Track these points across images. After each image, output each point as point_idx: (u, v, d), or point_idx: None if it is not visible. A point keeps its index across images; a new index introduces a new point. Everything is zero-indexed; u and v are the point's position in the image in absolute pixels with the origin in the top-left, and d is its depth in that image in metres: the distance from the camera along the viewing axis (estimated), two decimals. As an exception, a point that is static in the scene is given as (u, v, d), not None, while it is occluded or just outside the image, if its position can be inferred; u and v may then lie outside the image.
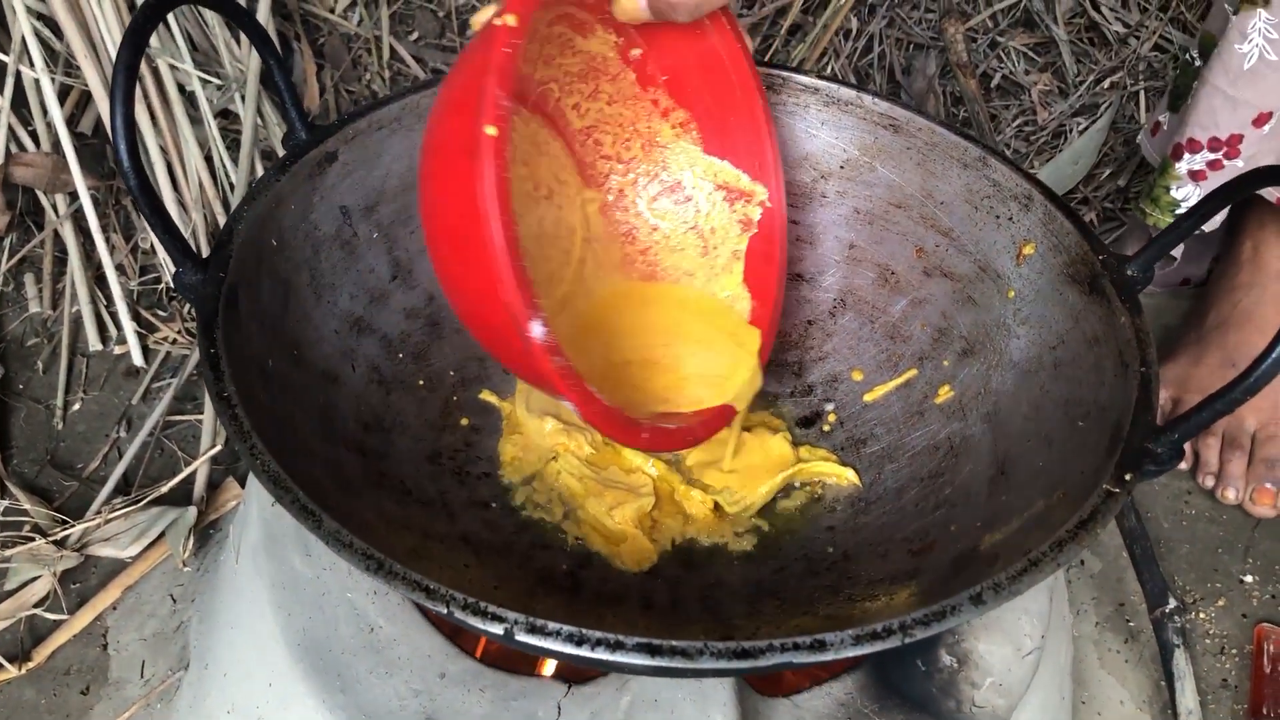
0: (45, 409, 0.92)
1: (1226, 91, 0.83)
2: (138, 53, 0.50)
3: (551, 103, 0.63)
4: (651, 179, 0.67)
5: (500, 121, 0.44)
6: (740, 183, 0.65)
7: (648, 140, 0.66)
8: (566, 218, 0.65)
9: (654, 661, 0.42)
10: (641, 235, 0.68)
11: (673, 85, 0.64)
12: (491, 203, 0.44)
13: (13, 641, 0.76)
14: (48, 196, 0.96)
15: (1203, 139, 0.86)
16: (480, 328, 0.51)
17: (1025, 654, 0.59)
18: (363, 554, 0.44)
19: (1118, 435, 0.52)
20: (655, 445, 0.54)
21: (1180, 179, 0.88)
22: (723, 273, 0.67)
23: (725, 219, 0.67)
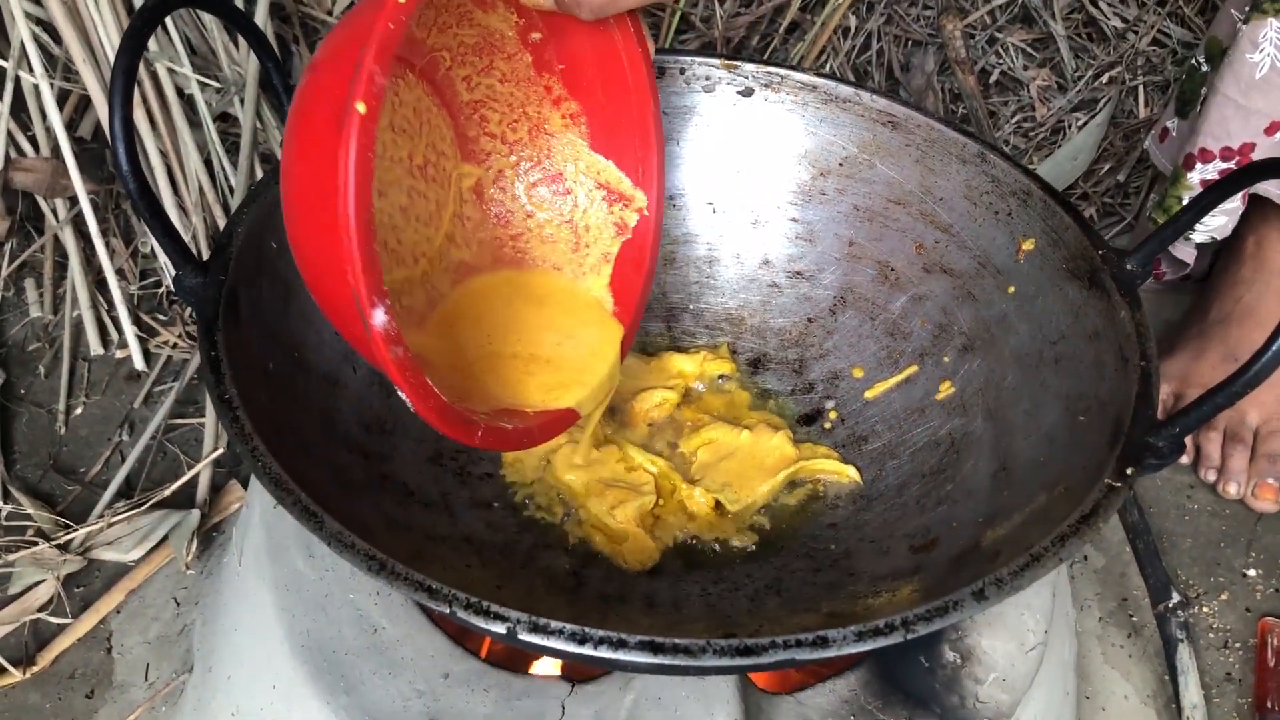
0: (47, 413, 0.92)
1: (1238, 101, 0.83)
2: (136, 56, 0.50)
3: (441, 71, 0.61)
4: (534, 165, 0.66)
5: (373, 99, 0.43)
6: (622, 185, 0.64)
7: (536, 125, 0.65)
8: (438, 190, 0.63)
9: (657, 659, 0.42)
10: (515, 220, 0.67)
11: (568, 76, 0.63)
12: (348, 183, 0.43)
13: (17, 645, 0.76)
14: (47, 201, 0.96)
15: (1215, 149, 0.86)
16: (325, 300, 0.50)
17: (1029, 649, 0.59)
18: (365, 555, 0.44)
19: (1119, 429, 0.52)
20: (489, 444, 0.53)
21: (1193, 189, 0.89)
22: (590, 272, 0.66)
23: (601, 219, 0.66)
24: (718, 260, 0.76)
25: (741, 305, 0.75)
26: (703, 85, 0.73)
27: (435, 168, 0.62)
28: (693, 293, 0.76)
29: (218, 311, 0.53)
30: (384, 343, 0.45)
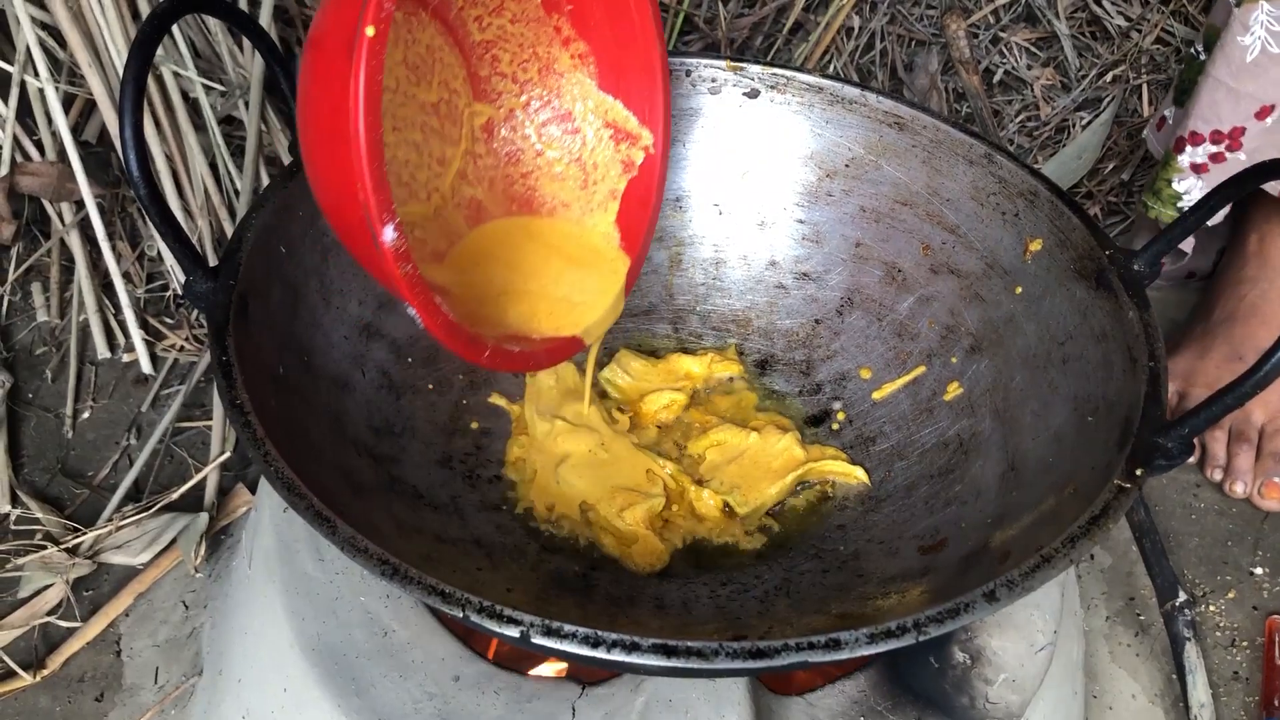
0: (55, 417, 0.92)
1: (1229, 84, 0.83)
2: (145, 64, 0.51)
3: (453, 11, 0.62)
4: (544, 105, 0.67)
5: (381, 23, 0.44)
6: (629, 124, 0.66)
7: (545, 65, 0.66)
8: (450, 128, 0.65)
9: (670, 662, 0.42)
10: (525, 158, 0.68)
11: (576, 16, 0.64)
12: (358, 103, 0.44)
13: (26, 649, 0.76)
14: (54, 205, 0.96)
15: (1205, 132, 0.86)
16: (339, 223, 0.52)
17: (1038, 650, 0.59)
18: (379, 559, 0.45)
19: (1127, 430, 0.52)
20: (495, 364, 0.56)
21: (1182, 171, 0.89)
22: (598, 209, 0.68)
23: (608, 156, 0.67)
24: (724, 262, 0.76)
25: (748, 307, 0.75)
26: (708, 87, 0.73)
27: (448, 105, 0.63)
28: (700, 294, 0.76)
29: (228, 317, 0.53)
30: (393, 259, 0.47)
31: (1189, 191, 0.89)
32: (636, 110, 0.66)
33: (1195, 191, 0.89)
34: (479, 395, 0.70)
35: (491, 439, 0.68)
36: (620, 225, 0.67)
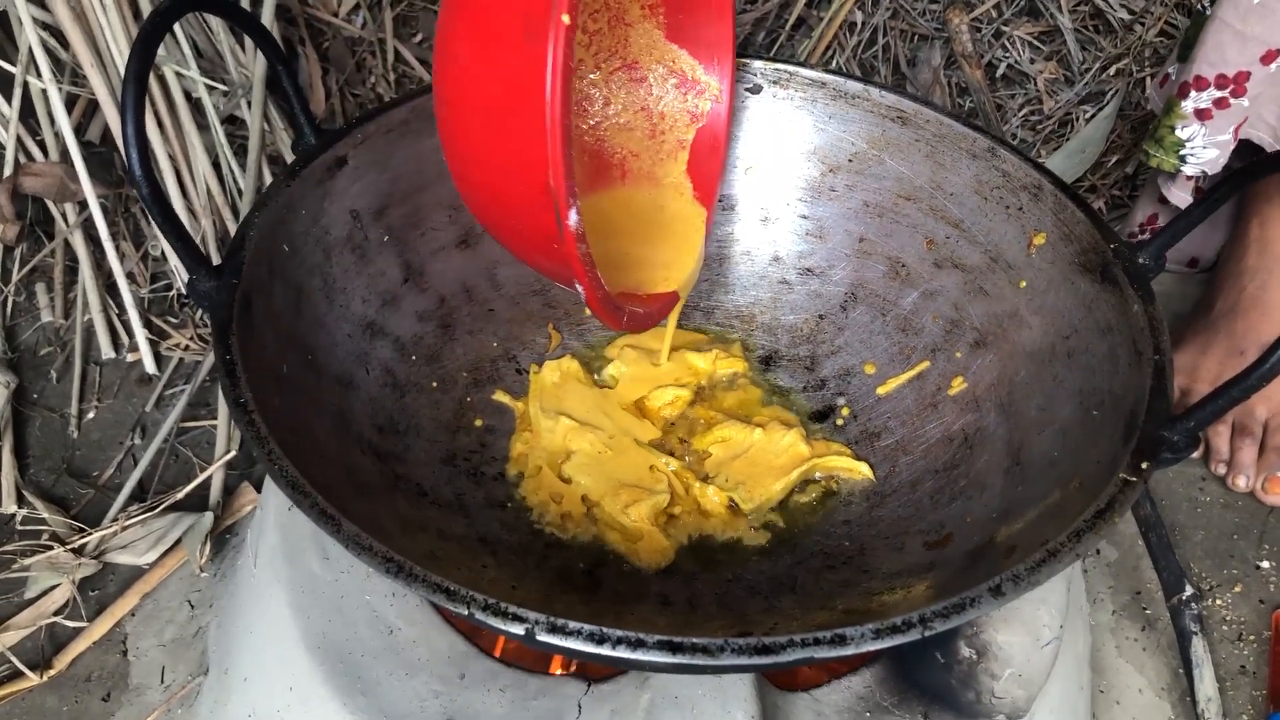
0: (60, 418, 0.92)
1: (1235, 27, 0.82)
2: (146, 64, 0.51)
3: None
4: (611, 54, 0.68)
5: (574, 11, 0.44)
6: (695, 73, 0.67)
7: (616, 16, 0.67)
8: None
9: (676, 659, 0.42)
10: (594, 109, 0.69)
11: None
12: (556, 92, 0.44)
13: (33, 649, 0.76)
14: (57, 206, 0.96)
15: (1210, 75, 0.85)
16: (495, 206, 0.52)
17: (1044, 644, 0.59)
18: (383, 557, 0.44)
19: (1133, 424, 0.52)
20: (632, 327, 0.58)
21: (1186, 118, 0.87)
22: (667, 158, 0.69)
23: (676, 106, 0.68)
24: (728, 258, 0.76)
25: (752, 302, 0.75)
26: (711, 83, 0.73)
27: None
28: (703, 290, 0.76)
29: (232, 315, 0.53)
30: (575, 241, 0.48)
31: (1192, 139, 0.88)
32: (703, 60, 0.67)
33: (1199, 139, 0.88)
34: (483, 392, 0.70)
35: (496, 436, 0.68)
36: (691, 175, 0.68)
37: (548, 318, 0.74)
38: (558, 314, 0.74)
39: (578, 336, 0.74)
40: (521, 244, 0.54)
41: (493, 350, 0.72)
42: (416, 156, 0.68)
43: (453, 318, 0.70)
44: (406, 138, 0.67)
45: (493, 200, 0.52)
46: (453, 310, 0.70)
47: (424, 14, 1.06)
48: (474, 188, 0.53)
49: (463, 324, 0.71)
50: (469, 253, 0.71)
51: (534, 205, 0.47)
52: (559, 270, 0.52)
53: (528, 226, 0.50)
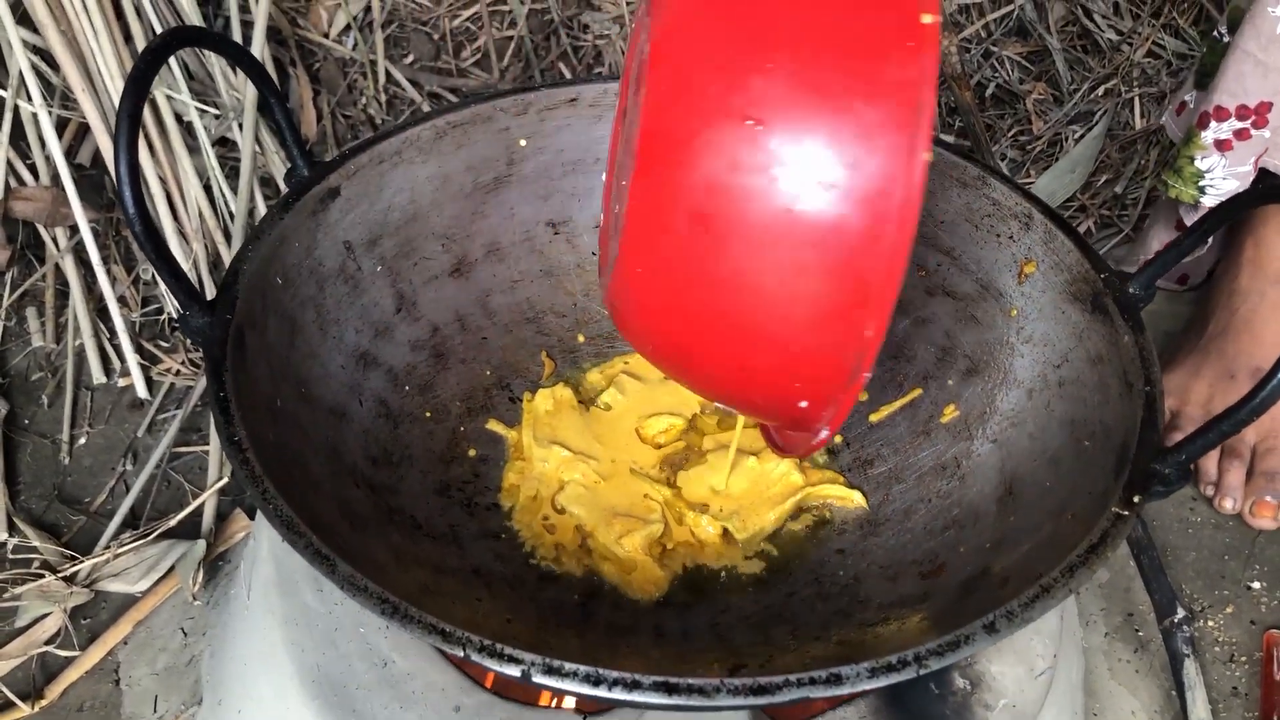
0: (51, 444, 0.92)
1: (1257, 56, 0.81)
2: (140, 100, 0.51)
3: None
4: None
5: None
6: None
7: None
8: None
9: (671, 700, 0.43)
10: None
11: None
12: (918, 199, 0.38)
13: (24, 679, 0.76)
14: (48, 230, 0.96)
15: (1231, 106, 0.84)
16: (748, 371, 0.46)
17: (1038, 674, 0.59)
18: (378, 598, 0.45)
19: (1124, 456, 0.52)
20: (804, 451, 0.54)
21: (1205, 149, 0.87)
22: None
23: None
24: (720, 284, 0.76)
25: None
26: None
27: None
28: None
29: (225, 352, 0.53)
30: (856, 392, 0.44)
31: (1212, 170, 0.88)
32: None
33: (1218, 169, 0.87)
34: (476, 422, 0.70)
35: (489, 466, 0.68)
36: None
37: (541, 345, 0.74)
38: (551, 341, 0.75)
39: (571, 364, 0.74)
40: (783, 407, 0.48)
41: (486, 379, 0.72)
42: (409, 187, 0.68)
43: (446, 347, 0.70)
44: (399, 168, 0.68)
45: (749, 372, 0.46)
46: (446, 339, 0.70)
47: (415, 34, 1.06)
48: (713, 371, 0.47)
49: (456, 353, 0.71)
50: (461, 281, 0.72)
51: (840, 364, 0.42)
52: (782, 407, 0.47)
53: (822, 394, 0.45)
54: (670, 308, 0.45)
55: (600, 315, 0.76)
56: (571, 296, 0.75)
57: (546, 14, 1.04)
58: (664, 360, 0.50)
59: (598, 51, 1.07)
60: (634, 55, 0.49)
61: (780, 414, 0.50)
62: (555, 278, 0.75)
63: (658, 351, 0.50)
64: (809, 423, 0.47)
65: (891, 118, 0.39)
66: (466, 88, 1.07)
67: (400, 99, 1.08)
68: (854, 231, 0.39)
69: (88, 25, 0.86)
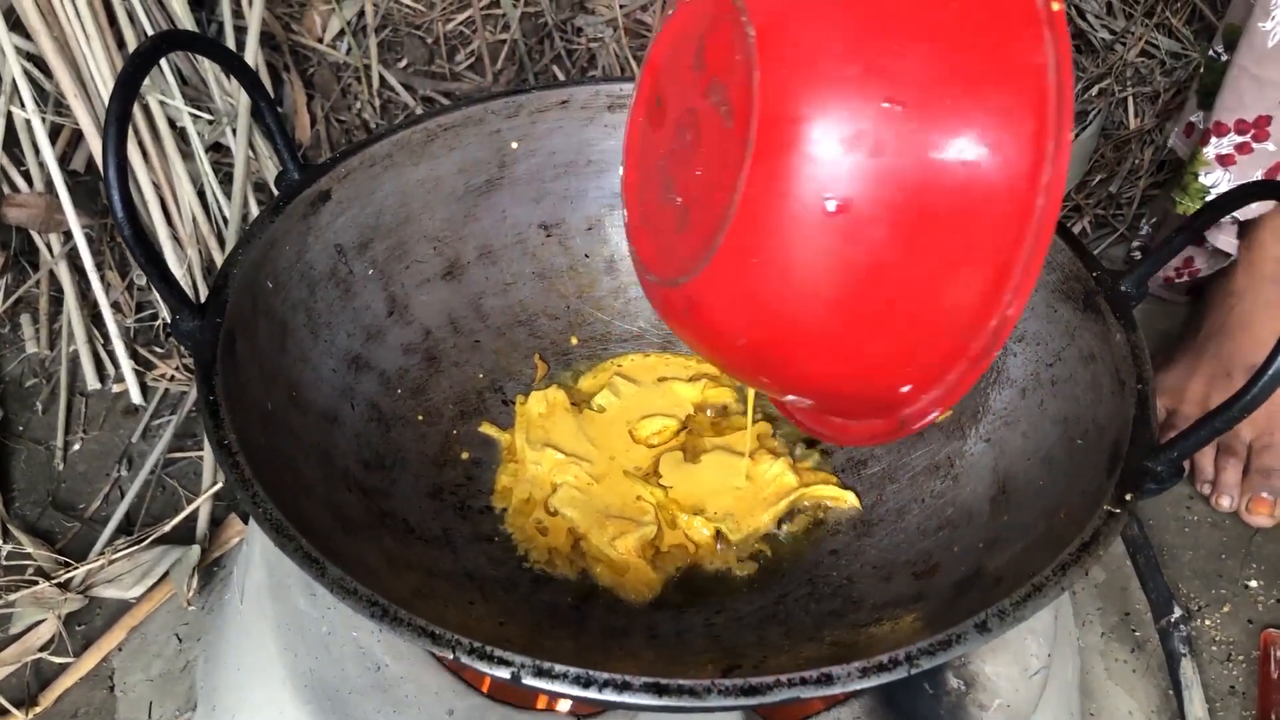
0: (45, 450, 0.92)
1: (1252, 71, 0.82)
2: (128, 104, 0.50)
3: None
4: None
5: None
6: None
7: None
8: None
9: (662, 701, 0.42)
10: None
11: None
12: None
13: (19, 686, 0.76)
14: (42, 236, 0.96)
15: (1229, 121, 0.85)
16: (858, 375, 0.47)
17: (1032, 674, 0.59)
18: (368, 601, 0.44)
19: (1116, 454, 0.52)
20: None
21: (1209, 164, 0.87)
22: None
23: None
24: (713, 285, 0.76)
25: (738, 330, 0.75)
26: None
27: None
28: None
29: (215, 356, 0.53)
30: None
31: (1216, 184, 0.89)
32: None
33: (1222, 185, 0.89)
34: (469, 425, 0.69)
35: (482, 469, 0.68)
36: None
37: (534, 348, 0.74)
38: (544, 344, 0.74)
39: (564, 366, 0.74)
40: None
41: (479, 382, 0.71)
42: (400, 190, 0.68)
43: (438, 350, 0.70)
44: (390, 171, 0.68)
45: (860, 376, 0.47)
46: (438, 342, 0.70)
47: (409, 39, 1.06)
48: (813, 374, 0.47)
49: (448, 356, 0.71)
50: (454, 284, 0.71)
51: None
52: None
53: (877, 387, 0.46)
54: (784, 297, 0.44)
55: (593, 318, 0.76)
56: (564, 299, 0.75)
57: (540, 17, 1.04)
58: (747, 356, 0.49)
59: (591, 55, 1.07)
60: (677, 39, 0.47)
61: (870, 400, 0.49)
62: (548, 280, 0.75)
63: (749, 346, 0.48)
64: (898, 407, 0.47)
65: (1036, 98, 0.39)
66: (460, 91, 1.07)
67: (394, 103, 1.08)
68: (1003, 209, 0.40)
69: (80, 31, 0.86)
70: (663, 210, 0.51)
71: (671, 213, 0.50)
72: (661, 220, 0.51)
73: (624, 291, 0.76)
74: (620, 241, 0.76)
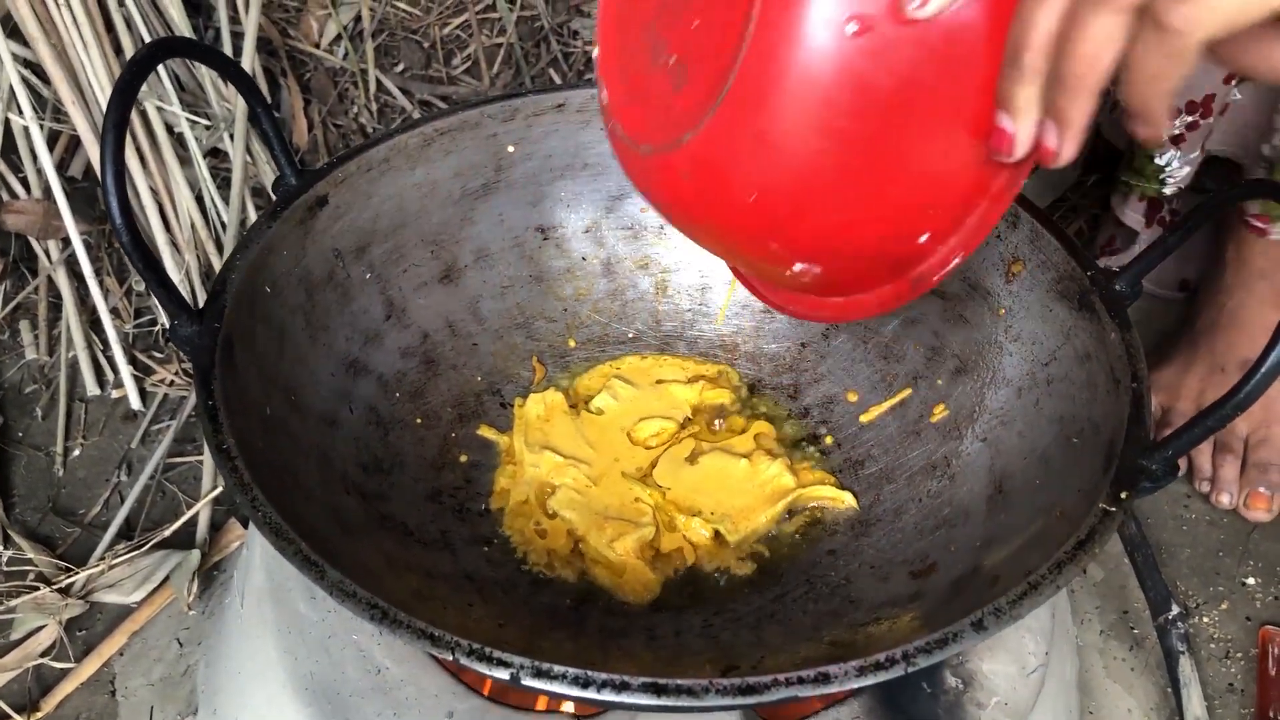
0: (45, 456, 0.92)
1: None
2: (125, 110, 0.51)
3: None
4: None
5: None
6: None
7: None
8: None
9: (660, 700, 0.43)
10: None
11: None
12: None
13: (20, 692, 0.76)
14: (40, 243, 0.96)
15: (1180, 103, 0.87)
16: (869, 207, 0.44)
17: (1030, 672, 0.59)
18: (367, 603, 0.45)
19: (1112, 452, 0.52)
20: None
21: (1162, 144, 0.90)
22: None
23: None
24: (710, 287, 0.76)
25: (735, 331, 0.76)
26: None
27: None
28: (686, 320, 0.76)
29: (214, 360, 0.53)
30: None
31: (1170, 164, 0.92)
32: None
33: (1175, 162, 0.92)
34: (467, 428, 0.70)
35: (481, 472, 0.68)
36: None
37: (532, 351, 0.74)
38: (541, 347, 0.75)
39: (562, 369, 0.75)
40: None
41: (477, 385, 0.72)
42: (397, 194, 0.68)
43: (436, 353, 0.70)
44: (387, 175, 0.68)
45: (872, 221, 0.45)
46: (436, 346, 0.71)
47: (405, 43, 1.07)
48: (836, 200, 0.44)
49: (446, 359, 0.71)
50: (451, 288, 0.72)
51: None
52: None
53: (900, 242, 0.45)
54: (802, 135, 0.42)
55: (590, 320, 0.76)
56: (562, 301, 0.76)
57: (536, 21, 1.05)
58: (756, 216, 0.46)
59: (587, 58, 1.07)
60: None
61: (886, 256, 0.48)
62: (545, 283, 0.75)
63: (760, 203, 0.45)
64: (913, 264, 0.47)
65: None
66: (457, 95, 1.07)
67: (391, 107, 1.08)
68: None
69: (78, 39, 0.86)
70: (653, 77, 0.48)
71: (664, 77, 0.47)
72: (652, 87, 0.48)
73: (621, 294, 0.76)
74: (618, 244, 0.76)
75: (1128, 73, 0.39)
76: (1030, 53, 0.39)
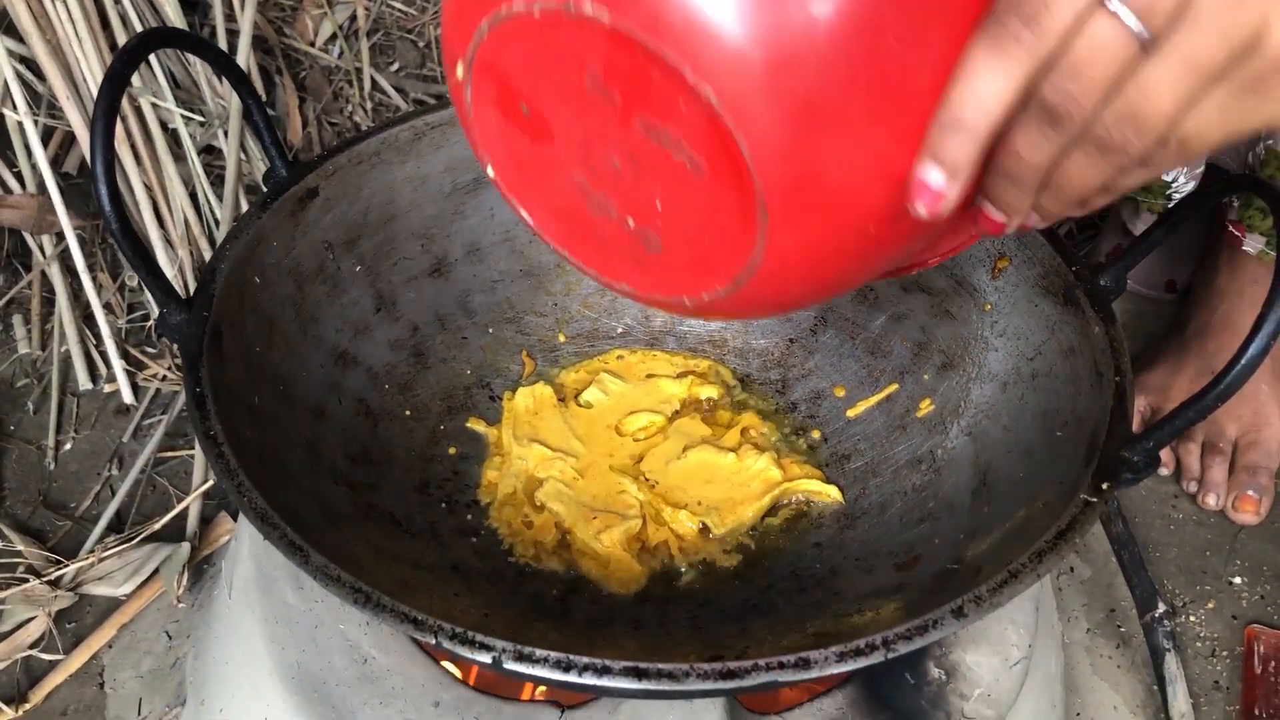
0: (37, 449, 0.92)
1: None
2: (116, 99, 0.51)
3: None
4: None
5: None
6: None
7: None
8: None
9: (641, 685, 0.43)
10: None
11: None
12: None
13: (9, 683, 0.76)
14: (34, 238, 0.96)
15: None
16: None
17: (1013, 664, 0.59)
18: (351, 588, 0.45)
19: (1094, 444, 0.53)
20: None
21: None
22: None
23: None
24: (699, 283, 0.77)
25: (724, 327, 0.76)
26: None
27: None
28: (675, 316, 0.77)
29: (202, 349, 0.54)
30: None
31: (1176, 178, 0.90)
32: None
33: (1181, 177, 0.90)
34: (456, 420, 0.70)
35: (469, 464, 0.68)
36: None
37: (521, 345, 0.75)
38: (531, 341, 0.75)
39: (552, 363, 0.75)
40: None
41: (466, 378, 0.72)
42: (388, 187, 0.69)
43: (425, 346, 0.71)
44: (378, 168, 0.68)
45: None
46: (426, 339, 0.71)
47: (400, 42, 1.07)
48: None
49: (436, 352, 0.71)
50: (441, 281, 0.72)
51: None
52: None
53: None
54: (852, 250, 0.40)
55: (580, 315, 0.76)
56: (552, 296, 0.76)
57: (530, 21, 1.05)
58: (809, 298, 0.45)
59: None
60: (535, 50, 0.39)
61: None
62: (535, 278, 0.76)
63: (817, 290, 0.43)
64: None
65: None
66: (451, 94, 1.07)
67: (386, 106, 1.08)
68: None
69: (73, 34, 0.86)
70: (601, 223, 0.44)
71: (618, 231, 0.43)
72: (608, 238, 0.44)
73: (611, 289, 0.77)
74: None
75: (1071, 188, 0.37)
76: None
